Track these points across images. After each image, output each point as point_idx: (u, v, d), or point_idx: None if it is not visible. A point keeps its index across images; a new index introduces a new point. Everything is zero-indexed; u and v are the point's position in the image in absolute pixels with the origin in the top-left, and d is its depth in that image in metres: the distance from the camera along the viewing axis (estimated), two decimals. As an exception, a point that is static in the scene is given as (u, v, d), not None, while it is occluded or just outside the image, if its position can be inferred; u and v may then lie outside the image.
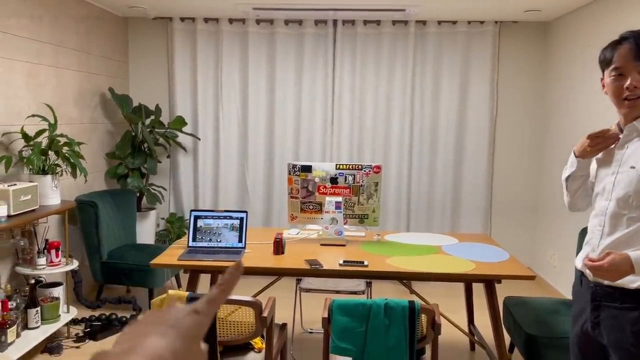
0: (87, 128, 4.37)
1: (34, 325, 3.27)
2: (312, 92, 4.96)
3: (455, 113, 4.91)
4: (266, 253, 2.86)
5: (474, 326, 3.42)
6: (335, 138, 4.99)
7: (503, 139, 4.99)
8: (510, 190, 5.03)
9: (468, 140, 4.95)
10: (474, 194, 4.98)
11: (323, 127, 4.99)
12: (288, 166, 3.09)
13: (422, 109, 4.94)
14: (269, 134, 5.03)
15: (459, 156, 4.97)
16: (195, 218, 2.93)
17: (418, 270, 2.60)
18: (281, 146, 5.03)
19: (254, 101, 4.99)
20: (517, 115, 4.96)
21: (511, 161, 5.01)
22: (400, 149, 4.95)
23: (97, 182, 4.55)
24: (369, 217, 3.16)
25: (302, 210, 3.15)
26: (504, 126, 4.97)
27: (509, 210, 5.05)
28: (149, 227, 4.77)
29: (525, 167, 5.00)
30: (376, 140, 4.97)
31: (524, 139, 4.98)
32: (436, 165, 4.98)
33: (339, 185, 3.09)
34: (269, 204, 5.09)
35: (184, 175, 5.10)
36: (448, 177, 4.98)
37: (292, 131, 5.01)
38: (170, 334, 0.51)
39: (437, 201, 5.01)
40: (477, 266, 2.68)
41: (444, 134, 4.94)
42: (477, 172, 4.96)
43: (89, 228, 3.92)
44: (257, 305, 2.22)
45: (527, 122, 4.96)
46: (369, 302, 2.16)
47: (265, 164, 5.07)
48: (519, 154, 5.00)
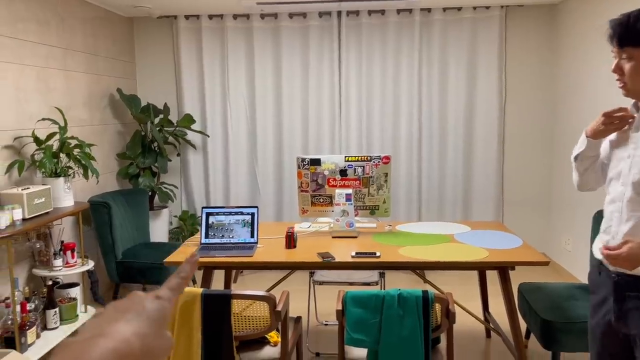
0: (97, 129, 4.41)
1: (53, 325, 3.32)
2: (318, 84, 4.95)
3: (464, 100, 4.88)
4: (278, 247, 2.88)
5: (489, 313, 3.42)
6: (343, 130, 4.99)
7: (513, 125, 4.95)
8: (521, 176, 5.00)
9: (477, 127, 4.92)
10: (485, 181, 4.96)
11: (331, 120, 4.98)
12: (297, 160, 3.10)
13: (430, 97, 4.91)
14: (277, 128, 5.04)
15: (468, 144, 4.94)
16: (207, 215, 2.95)
17: (431, 259, 2.60)
18: (290, 140, 5.03)
19: (261, 96, 5.00)
20: (526, 101, 4.92)
21: (522, 147, 4.97)
22: (409, 139, 4.94)
23: (109, 182, 4.60)
24: (379, 208, 3.16)
25: (312, 204, 3.15)
26: (514, 112, 4.93)
27: (521, 197, 5.02)
28: (162, 225, 4.81)
29: (536, 152, 4.96)
30: (385, 131, 4.96)
31: (534, 124, 4.93)
32: (446, 154, 4.96)
33: (348, 177, 3.09)
34: (279, 198, 5.11)
35: (194, 172, 5.13)
36: (458, 165, 4.96)
37: (300, 125, 5.01)
38: (137, 318, 0.53)
39: (448, 190, 4.99)
40: (490, 253, 2.67)
41: (453, 122, 4.92)
42: (488, 159, 4.93)
43: (103, 228, 3.96)
44: (271, 299, 2.23)
45: (537, 107, 4.91)
46: (382, 293, 2.16)
47: (274, 158, 5.08)
48: (530, 139, 4.96)
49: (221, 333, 2.24)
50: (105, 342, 0.48)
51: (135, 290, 0.66)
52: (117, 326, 0.51)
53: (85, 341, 0.48)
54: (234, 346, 2.26)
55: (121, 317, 0.52)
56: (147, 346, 0.51)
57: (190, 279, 0.63)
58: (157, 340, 0.53)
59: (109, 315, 0.53)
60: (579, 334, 2.66)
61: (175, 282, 0.61)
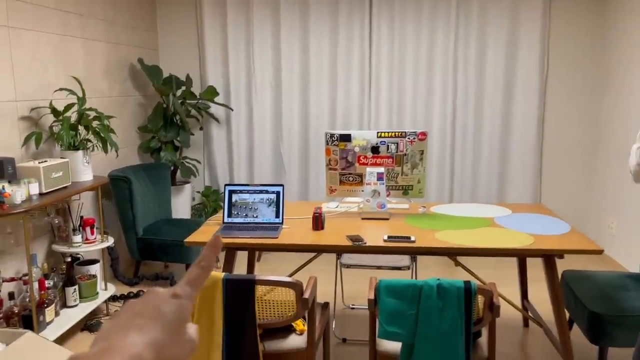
0: (117, 101, 4.26)
1: (73, 303, 3.23)
2: (347, 58, 4.70)
3: (502, 74, 4.59)
4: (305, 229, 2.70)
5: (528, 301, 3.21)
6: (373, 106, 4.75)
7: (555, 99, 4.64)
8: (562, 154, 4.71)
9: (516, 102, 4.63)
10: (522, 159, 4.69)
11: (360, 94, 4.74)
12: (325, 136, 2.90)
13: (466, 70, 4.63)
14: (304, 102, 4.83)
15: (506, 120, 4.66)
16: (230, 193, 2.78)
17: (471, 245, 2.39)
18: (317, 115, 4.82)
19: (287, 68, 4.78)
20: (570, 74, 4.60)
21: (564, 122, 4.67)
22: (443, 115, 4.68)
23: (130, 156, 4.47)
24: (413, 189, 2.95)
25: (341, 183, 2.96)
26: (556, 86, 4.62)
27: (561, 176, 4.73)
28: (185, 201, 4.68)
29: (579, 129, 4.66)
30: (417, 106, 4.71)
31: (578, 98, 4.62)
32: (482, 131, 4.69)
33: (380, 155, 2.88)
34: (305, 175, 4.93)
35: (217, 147, 4.97)
36: (494, 142, 4.69)
37: (327, 99, 4.79)
38: (150, 326, 0.47)
39: (482, 168, 4.74)
40: (535, 240, 2.45)
41: (490, 97, 4.63)
42: (526, 135, 4.65)
43: (123, 204, 3.84)
44: (297, 286, 2.06)
45: (582, 81, 4.59)
46: (419, 283, 1.97)
47: (300, 133, 4.88)
48: (572, 114, 4.65)
49: (244, 321, 2.08)
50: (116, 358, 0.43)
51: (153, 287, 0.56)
52: (129, 337, 0.46)
53: (95, 355, 0.44)
54: (257, 334, 2.10)
55: (133, 325, 0.47)
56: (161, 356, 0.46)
57: (212, 269, 0.55)
58: (174, 347, 0.48)
59: (122, 320, 0.48)
60: (632, 328, 2.44)
61: (196, 274, 0.54)
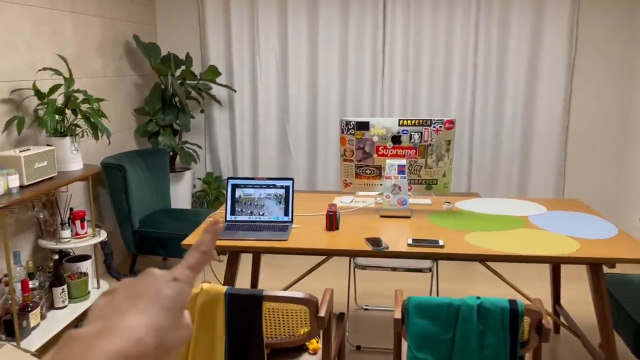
0: (112, 81, 3.94)
1: (61, 304, 2.96)
2: (359, 38, 4.35)
3: (526, 60, 4.23)
4: (318, 228, 2.40)
5: (561, 306, 2.92)
6: (386, 90, 4.40)
7: (582, 87, 4.29)
8: (588, 143, 4.38)
9: (540, 90, 4.28)
10: (546, 148, 4.36)
11: (372, 77, 4.40)
12: (340, 123, 2.58)
13: (486, 56, 4.27)
14: (312, 84, 4.49)
15: (529, 109, 4.32)
16: (233, 187, 2.48)
17: (508, 251, 2.09)
18: (326, 97, 4.48)
19: (294, 47, 4.43)
20: (600, 57, 4.24)
21: (591, 111, 4.32)
22: (461, 104, 4.34)
23: (126, 141, 4.16)
24: (438, 183, 2.64)
25: (357, 176, 2.65)
26: (584, 73, 4.26)
27: (586, 166, 4.41)
28: (185, 189, 4.38)
29: (607, 117, 4.32)
30: (433, 92, 4.37)
31: (606, 87, 4.27)
32: (502, 118, 4.36)
33: (402, 145, 2.56)
34: (313, 162, 4.61)
35: (220, 131, 4.66)
36: (516, 130, 4.36)
37: (337, 82, 4.45)
38: (151, 308, 0.45)
39: (503, 159, 4.41)
40: (581, 245, 2.14)
41: (512, 84, 4.29)
42: (550, 125, 4.31)
43: (117, 194, 3.54)
44: (312, 303, 1.77)
45: (612, 65, 4.23)
46: (456, 302, 1.68)
47: (308, 118, 4.55)
48: (600, 102, 4.30)
49: (249, 341, 1.80)
50: (114, 342, 0.41)
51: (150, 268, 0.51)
52: (128, 319, 0.44)
53: (91, 338, 0.41)
54: (265, 356, 1.82)
55: (132, 306, 0.45)
56: (162, 341, 0.44)
57: (212, 253, 0.52)
58: (173, 332, 0.46)
59: (120, 300, 0.46)
60: (689, 346, 2.15)
61: (195, 259, 0.51)
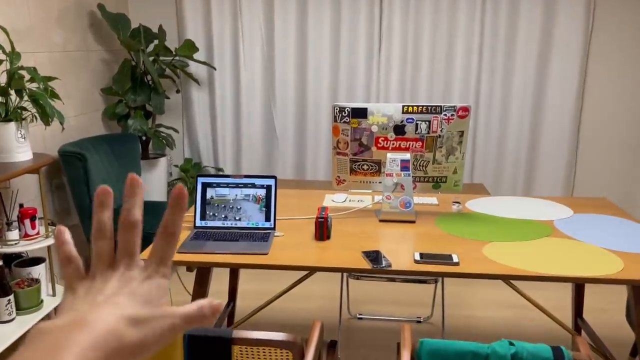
0: (74, 57, 3.47)
1: (7, 317, 2.55)
2: (354, 14, 3.89)
3: (537, 41, 3.80)
4: (305, 237, 2.00)
5: (583, 320, 2.56)
6: (382, 74, 3.97)
7: (597, 71, 3.88)
8: (601, 136, 3.99)
9: (552, 73, 3.87)
10: (555, 140, 3.97)
11: (368, 60, 3.96)
12: (333, 110, 2.16)
13: (493, 35, 3.83)
14: (301, 65, 4.04)
15: (539, 93, 3.91)
16: (204, 187, 2.06)
17: (539, 271, 1.70)
18: (316, 81, 4.04)
19: (281, 23, 3.97)
20: (616, 44, 3.82)
21: (606, 98, 3.93)
22: (465, 88, 3.93)
23: (93, 125, 3.71)
24: (447, 181, 2.24)
25: (352, 172, 2.25)
26: (600, 56, 3.85)
27: (599, 160, 4.03)
28: (159, 179, 3.95)
29: (622, 107, 3.93)
30: (435, 80, 3.95)
31: (624, 71, 3.86)
32: (510, 105, 3.95)
33: (407, 137, 2.16)
34: (301, 151, 4.19)
35: (198, 113, 4.21)
36: (525, 118, 3.95)
37: (328, 63, 4.00)
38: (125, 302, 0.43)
39: (509, 148, 4.02)
40: (624, 262, 1.77)
41: (522, 67, 3.87)
42: (561, 115, 3.91)
43: (78, 186, 3.12)
44: (296, 347, 1.38)
45: (629, 51, 3.82)
46: (483, 350, 1.29)
47: (296, 102, 4.12)
48: (617, 88, 3.90)
49: None
50: (88, 333, 0.38)
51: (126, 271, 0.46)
52: (102, 311, 0.41)
53: (62, 329, 0.38)
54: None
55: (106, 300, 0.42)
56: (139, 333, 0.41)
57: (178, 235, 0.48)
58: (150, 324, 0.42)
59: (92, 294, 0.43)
60: None
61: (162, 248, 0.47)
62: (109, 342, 0.39)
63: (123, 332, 0.40)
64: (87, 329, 0.38)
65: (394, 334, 2.76)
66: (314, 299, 3.11)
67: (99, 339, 0.38)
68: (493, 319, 2.91)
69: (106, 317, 0.40)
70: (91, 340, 0.38)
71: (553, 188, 4.06)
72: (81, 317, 0.40)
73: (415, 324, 2.85)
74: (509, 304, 3.06)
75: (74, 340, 0.37)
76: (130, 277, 0.45)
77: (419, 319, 2.89)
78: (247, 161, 4.23)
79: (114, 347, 0.39)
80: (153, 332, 0.42)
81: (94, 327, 0.39)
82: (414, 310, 2.99)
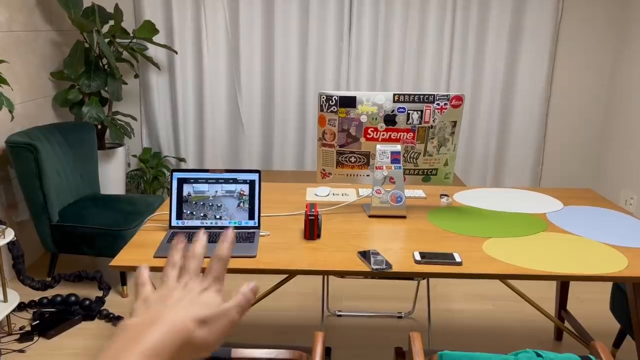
0: (20, 38, 3.16)
1: (-48, 330, 2.28)
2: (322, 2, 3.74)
3: (508, 25, 3.77)
4: (293, 235, 1.86)
5: (567, 311, 2.54)
6: (353, 63, 3.84)
7: (566, 58, 3.89)
8: (569, 116, 4.02)
9: (522, 57, 3.85)
10: (524, 124, 3.97)
11: (337, 45, 3.81)
12: (319, 98, 2.01)
13: (465, 19, 3.78)
14: (267, 50, 3.85)
15: (508, 86, 3.88)
16: (180, 182, 1.87)
17: (546, 270, 1.62)
18: (283, 67, 3.86)
19: (245, 4, 3.76)
20: (587, 26, 3.83)
21: (574, 82, 3.95)
22: (436, 80, 3.86)
23: (42, 112, 3.41)
24: (438, 173, 2.14)
25: (339, 164, 2.11)
26: (569, 39, 3.85)
27: (567, 142, 4.06)
28: (117, 170, 3.69)
29: (591, 89, 3.96)
30: (406, 67, 3.85)
31: (593, 54, 3.89)
32: (480, 91, 3.91)
33: (397, 128, 2.03)
34: (268, 140, 4.02)
35: (158, 99, 3.95)
36: (495, 104, 3.93)
37: (296, 48, 3.83)
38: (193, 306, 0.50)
39: (479, 133, 3.99)
40: (628, 259, 1.71)
41: (492, 51, 3.82)
42: (531, 98, 3.91)
43: (28, 180, 2.84)
44: (303, 365, 1.24)
45: (598, 34, 3.84)
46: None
47: (263, 89, 3.93)
48: (585, 73, 3.92)
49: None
50: (161, 328, 0.45)
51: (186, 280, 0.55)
52: (174, 311, 0.48)
53: (140, 325, 0.46)
54: None
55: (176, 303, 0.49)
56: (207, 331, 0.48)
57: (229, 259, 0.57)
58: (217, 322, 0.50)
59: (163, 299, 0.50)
60: None
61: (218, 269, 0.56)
62: (179, 337, 0.45)
63: (192, 330, 0.47)
64: (162, 325, 0.45)
65: (377, 330, 2.66)
66: (290, 296, 2.97)
67: (171, 334, 0.45)
68: (474, 312, 2.86)
69: (177, 317, 0.47)
70: (165, 334, 0.45)
71: (521, 176, 4.06)
72: (156, 315, 0.47)
73: (396, 319, 2.76)
74: (488, 297, 3.02)
75: (150, 333, 0.44)
76: (193, 289, 0.52)
77: (400, 314, 2.80)
78: (211, 151, 4.02)
79: (182, 342, 0.45)
80: (216, 329, 0.49)
81: (168, 323, 0.46)
82: (392, 305, 2.90)
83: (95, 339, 2.55)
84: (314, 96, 3.88)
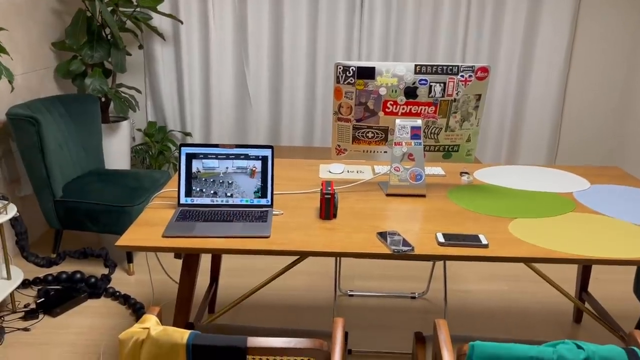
0: (20, 6, 3.03)
1: (-46, 308, 2.22)
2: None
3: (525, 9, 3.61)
4: (308, 215, 1.76)
5: (588, 293, 2.45)
6: (365, 34, 3.68)
7: (584, 39, 3.73)
8: (588, 96, 3.88)
9: (540, 38, 3.69)
10: (541, 100, 3.83)
11: (349, 16, 3.66)
12: (336, 69, 1.89)
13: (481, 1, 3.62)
14: (276, 21, 3.70)
15: (526, 57, 3.73)
16: (189, 157, 1.78)
17: (577, 253, 1.53)
18: (292, 39, 3.72)
19: (255, -32, 3.61)
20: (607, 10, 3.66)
21: (592, 66, 3.79)
22: (450, 53, 3.71)
23: (44, 84, 3.29)
24: (459, 150, 2.03)
25: (355, 140, 2.00)
26: (588, 24, 3.69)
27: (585, 121, 3.93)
28: (121, 144, 3.59)
29: (609, 76, 3.81)
30: (420, 39, 3.70)
31: (611, 38, 3.72)
32: (495, 69, 3.76)
33: (418, 101, 1.92)
34: (276, 114, 3.90)
35: (163, 71, 3.83)
36: (511, 80, 3.79)
37: (305, 21, 3.68)
38: None
39: (494, 115, 3.86)
40: (663, 241, 1.61)
41: (509, 28, 3.67)
42: (548, 78, 3.77)
43: (31, 154, 2.74)
44: (322, 354, 1.16)
45: (618, 19, 3.67)
46: (548, 355, 1.10)
47: (271, 61, 3.80)
48: (604, 56, 3.76)
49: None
50: None
51: None
52: None
53: None
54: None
55: None
56: None
57: None
58: None
59: None
60: None
61: None
62: None
63: None
64: None
65: (390, 311, 2.59)
66: (302, 275, 2.90)
67: None
68: (489, 292, 2.78)
69: None
70: None
71: (537, 152, 3.95)
72: None
73: (409, 300, 2.69)
74: (502, 277, 2.94)
75: None
76: None
77: (414, 294, 2.73)
78: (218, 125, 3.91)
79: None
80: None
81: None
82: (404, 285, 2.83)
83: (102, 317, 2.49)
84: (324, 70, 3.75)
